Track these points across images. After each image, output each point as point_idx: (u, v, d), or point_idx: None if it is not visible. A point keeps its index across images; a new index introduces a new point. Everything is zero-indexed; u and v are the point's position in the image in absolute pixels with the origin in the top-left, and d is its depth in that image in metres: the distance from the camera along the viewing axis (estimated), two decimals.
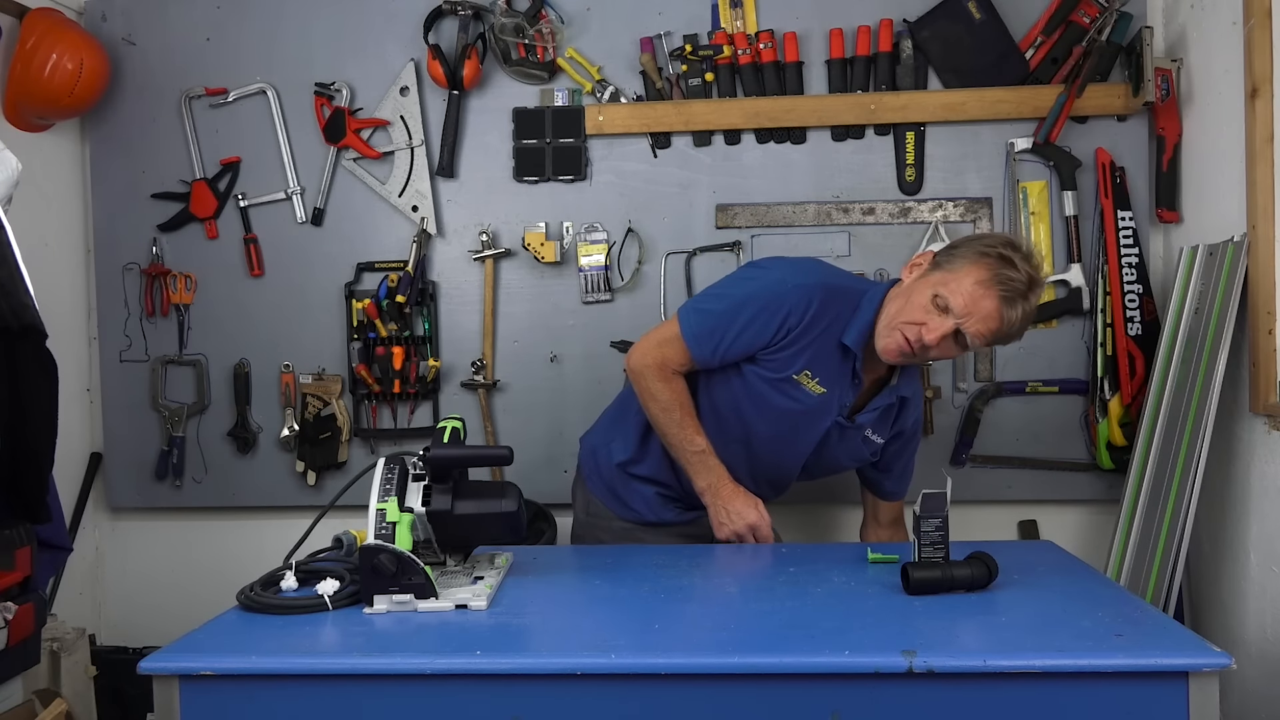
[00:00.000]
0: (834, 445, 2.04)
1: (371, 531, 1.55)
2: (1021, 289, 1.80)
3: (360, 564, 1.55)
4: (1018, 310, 1.81)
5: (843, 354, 1.96)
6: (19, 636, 1.79)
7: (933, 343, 1.84)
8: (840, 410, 1.99)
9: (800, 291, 1.94)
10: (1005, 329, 1.83)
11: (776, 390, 1.97)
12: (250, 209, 2.84)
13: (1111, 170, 2.65)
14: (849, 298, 1.97)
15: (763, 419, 2.00)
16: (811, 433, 2.01)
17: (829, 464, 2.10)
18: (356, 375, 2.79)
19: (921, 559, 1.62)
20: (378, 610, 1.53)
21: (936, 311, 1.84)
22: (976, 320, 1.81)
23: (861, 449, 2.07)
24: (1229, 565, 2.38)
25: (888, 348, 1.90)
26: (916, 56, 2.70)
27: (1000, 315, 1.81)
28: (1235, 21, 2.33)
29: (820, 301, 1.94)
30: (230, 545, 2.89)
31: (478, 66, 2.74)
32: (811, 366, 1.95)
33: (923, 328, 1.84)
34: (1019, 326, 1.84)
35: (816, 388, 1.96)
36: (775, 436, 2.02)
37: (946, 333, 1.83)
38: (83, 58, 2.64)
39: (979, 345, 1.87)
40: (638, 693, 1.34)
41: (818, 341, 1.95)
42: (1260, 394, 2.24)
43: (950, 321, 1.83)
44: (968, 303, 1.81)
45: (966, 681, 1.32)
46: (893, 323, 1.89)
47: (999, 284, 1.80)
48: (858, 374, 1.97)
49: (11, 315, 1.69)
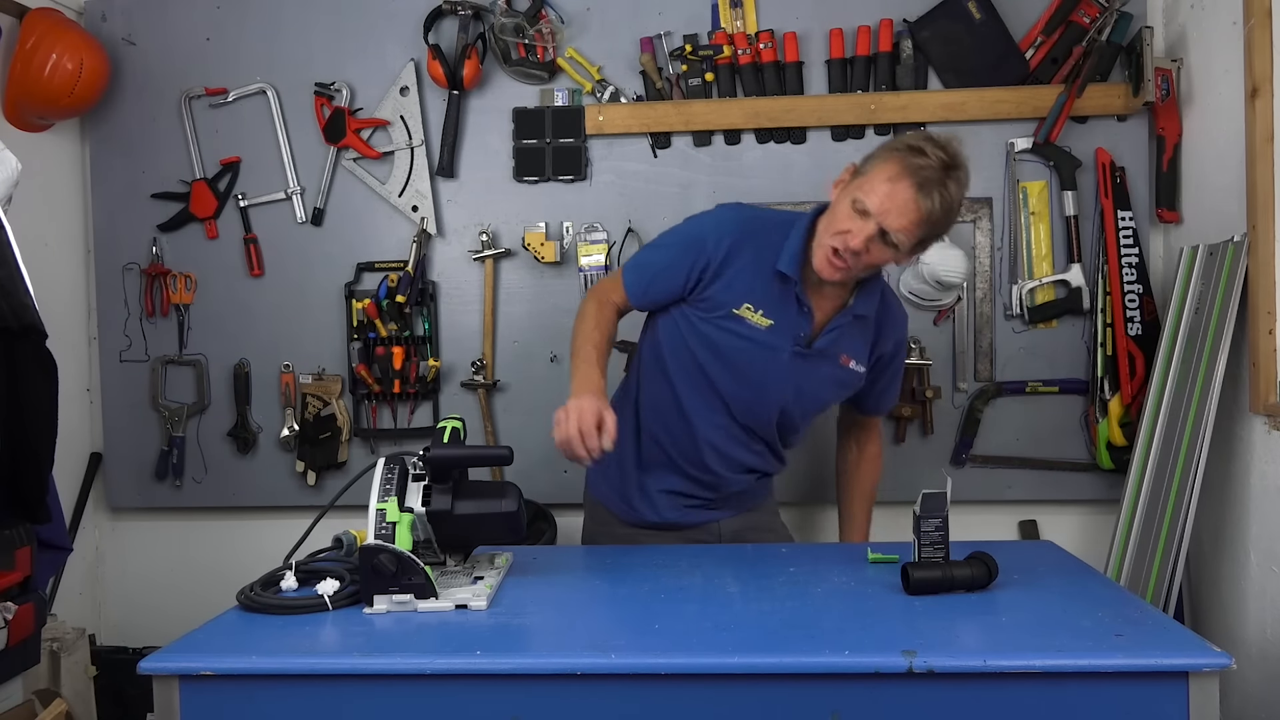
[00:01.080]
0: (806, 378, 2.01)
1: (371, 531, 1.55)
2: (934, 175, 1.78)
3: (360, 564, 1.55)
4: (934, 197, 1.78)
5: (782, 282, 1.95)
6: (19, 636, 1.79)
7: (859, 247, 1.83)
8: (796, 341, 1.97)
9: (716, 226, 1.99)
10: (927, 218, 1.80)
11: (721, 329, 1.97)
12: (250, 209, 2.84)
13: (1111, 170, 2.65)
14: (779, 228, 1.98)
15: (719, 362, 2.00)
16: (772, 367, 1.98)
17: (810, 400, 2.07)
18: (356, 375, 2.79)
19: (921, 559, 1.62)
20: (378, 610, 1.54)
21: (858, 216, 1.83)
22: (895, 215, 1.80)
23: (841, 376, 2.05)
24: (1229, 565, 2.38)
25: (819, 264, 1.90)
26: (916, 56, 2.70)
27: (917, 204, 1.78)
28: (1235, 21, 2.33)
29: (737, 234, 1.97)
30: (230, 545, 2.89)
31: (478, 66, 2.74)
32: (751, 300, 1.96)
33: (847, 235, 1.84)
34: (941, 214, 1.81)
35: (762, 320, 1.96)
36: (738, 378, 2.00)
37: (870, 235, 1.82)
38: (83, 58, 2.64)
39: (909, 241, 1.84)
40: (638, 693, 1.34)
41: (750, 273, 1.95)
42: (1260, 394, 2.24)
43: (871, 223, 1.81)
44: (883, 199, 1.80)
45: (966, 681, 1.32)
46: (820, 239, 1.90)
47: (910, 173, 1.78)
48: (803, 301, 1.96)
49: (11, 315, 1.69)
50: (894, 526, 2.45)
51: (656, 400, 2.09)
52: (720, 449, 2.07)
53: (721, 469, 2.09)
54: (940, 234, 1.89)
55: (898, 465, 2.75)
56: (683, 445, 2.08)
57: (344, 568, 1.64)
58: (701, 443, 2.06)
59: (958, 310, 2.73)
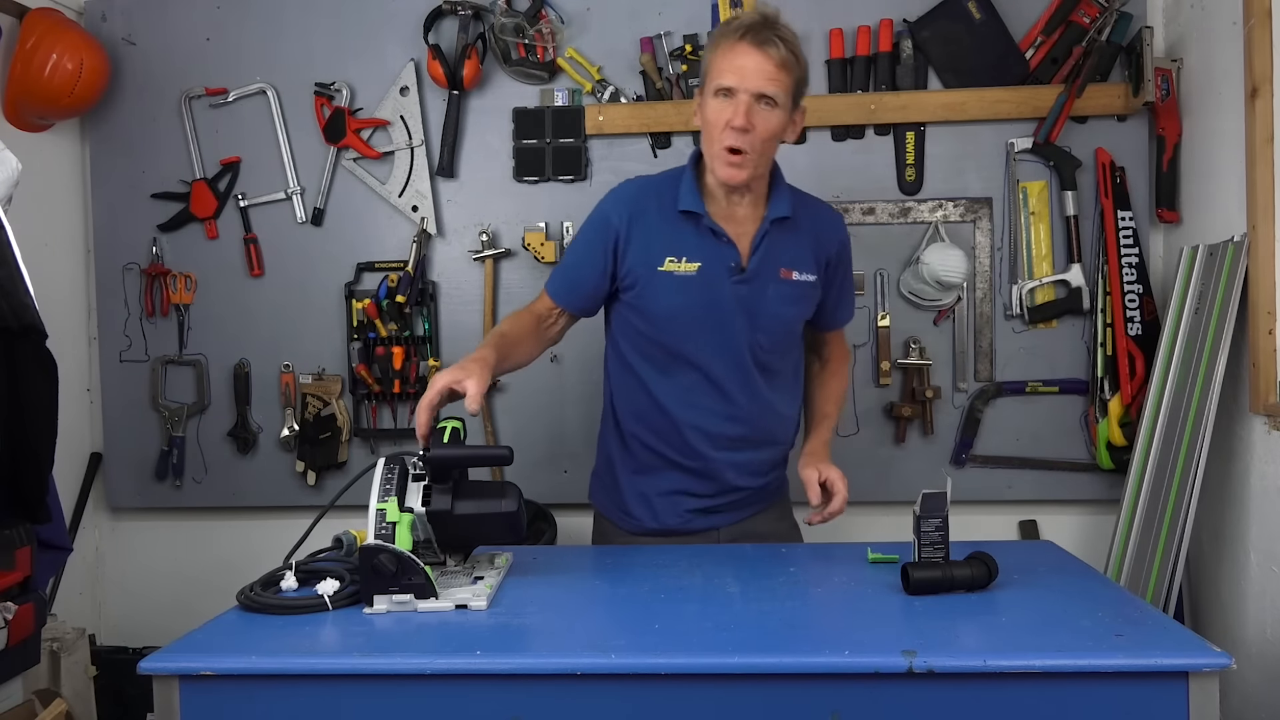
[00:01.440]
0: (755, 302, 1.98)
1: (371, 532, 1.55)
2: (762, 29, 1.84)
3: (360, 564, 1.55)
4: (776, 43, 1.83)
5: (692, 222, 1.95)
6: (19, 636, 1.79)
7: (744, 122, 1.84)
8: (729, 271, 1.96)
9: (614, 203, 2.01)
10: (782, 63, 1.84)
11: (657, 295, 1.96)
12: (250, 209, 2.84)
13: (1111, 170, 2.65)
14: (670, 180, 2.00)
15: (671, 326, 1.98)
16: (717, 305, 1.96)
17: (771, 324, 2.01)
18: (356, 375, 2.79)
19: (921, 559, 1.62)
20: (378, 610, 1.53)
21: (726, 101, 1.86)
22: (754, 75, 1.83)
23: (789, 291, 2.01)
24: (1229, 565, 2.39)
25: (722, 172, 1.90)
26: (916, 56, 2.70)
27: (766, 55, 1.83)
28: (1235, 21, 2.33)
29: (634, 200, 1.99)
30: (230, 545, 2.89)
31: (478, 66, 2.74)
32: (670, 251, 1.95)
33: (729, 122, 1.85)
34: (791, 54, 1.85)
35: (688, 266, 1.95)
36: (693, 334, 1.98)
37: (747, 105, 1.84)
38: (83, 58, 2.64)
39: (783, 92, 1.86)
40: (638, 693, 1.34)
41: (658, 228, 1.96)
42: (1260, 394, 2.24)
43: (741, 95, 1.84)
44: (737, 70, 1.84)
45: (966, 681, 1.32)
46: (710, 152, 1.92)
47: (743, 37, 1.84)
48: (718, 232, 1.95)
49: (11, 315, 1.69)
50: (894, 526, 2.45)
51: (630, 398, 2.06)
52: (702, 427, 2.02)
53: (709, 449, 2.02)
54: (803, 76, 1.91)
55: (898, 465, 2.76)
56: (665, 435, 2.03)
57: (344, 568, 1.64)
58: (682, 425, 2.01)
59: (958, 310, 2.73)
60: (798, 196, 2.03)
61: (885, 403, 2.75)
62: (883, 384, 2.74)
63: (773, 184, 2.00)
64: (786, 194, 2.01)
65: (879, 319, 2.74)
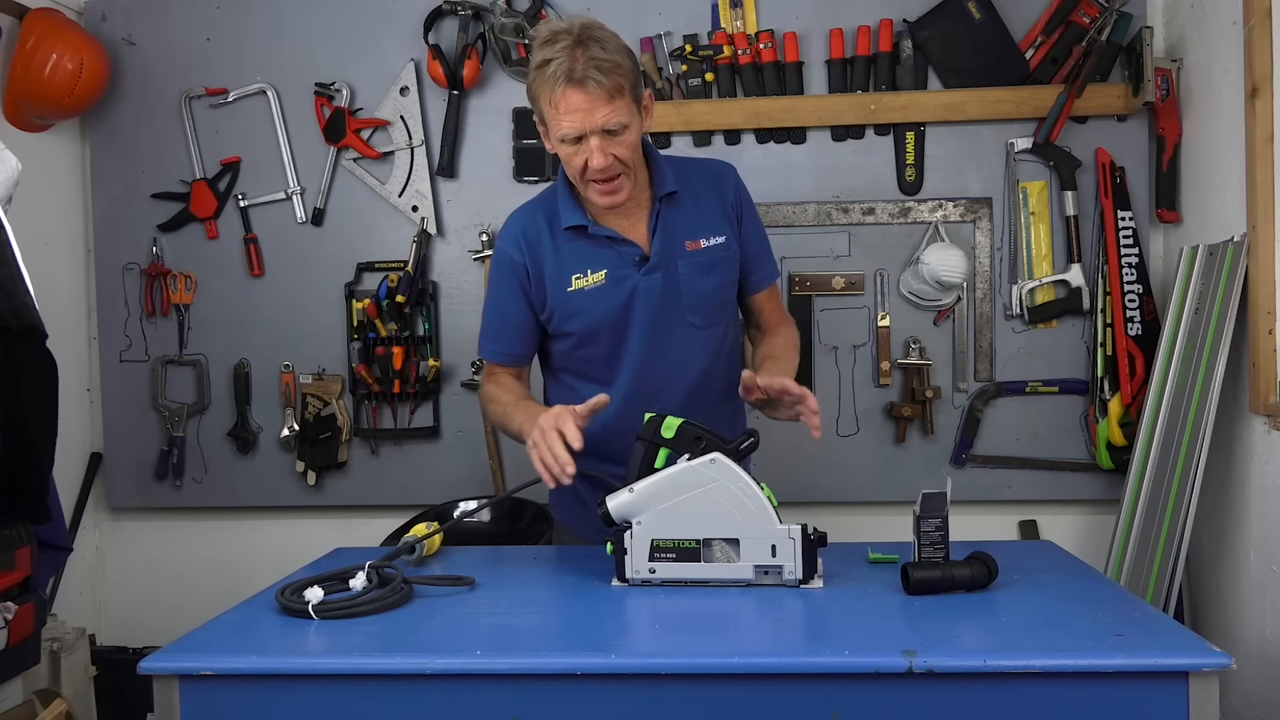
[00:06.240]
0: (670, 286, 1.92)
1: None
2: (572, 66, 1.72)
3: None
4: (595, 76, 1.72)
5: (584, 234, 1.91)
6: (19, 636, 1.79)
7: (604, 162, 1.78)
8: (636, 266, 1.90)
9: (507, 239, 1.94)
10: (611, 90, 1.74)
11: (575, 314, 1.91)
12: (250, 209, 2.84)
13: (1111, 170, 2.65)
14: (547, 200, 1.96)
15: (601, 340, 1.93)
16: (637, 303, 1.91)
17: (696, 300, 1.94)
18: (356, 375, 2.79)
19: (921, 559, 1.62)
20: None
21: (577, 148, 1.79)
22: (590, 117, 1.75)
23: (701, 260, 1.94)
24: (1229, 565, 2.39)
25: (598, 199, 1.85)
26: (916, 56, 2.70)
27: (591, 95, 1.73)
28: (1235, 21, 2.33)
29: (524, 230, 1.93)
30: (230, 545, 2.89)
31: (478, 66, 2.74)
32: (574, 269, 1.91)
33: (588, 165, 1.79)
34: (614, 65, 1.74)
35: (595, 278, 1.90)
36: (627, 338, 1.92)
37: (598, 146, 1.77)
38: (83, 58, 2.64)
39: (622, 116, 1.77)
40: (638, 693, 1.34)
41: (555, 250, 1.91)
42: (1260, 394, 2.24)
43: (590, 140, 1.77)
44: (569, 118, 1.75)
45: (966, 681, 1.32)
46: (580, 186, 1.86)
47: (562, 82, 1.73)
48: (612, 235, 1.91)
49: (11, 315, 1.69)
50: (894, 526, 2.45)
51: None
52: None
53: None
54: (633, 71, 1.80)
55: (898, 465, 2.75)
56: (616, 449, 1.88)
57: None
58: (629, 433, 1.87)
59: (958, 310, 2.73)
60: (678, 165, 1.97)
61: (885, 403, 2.75)
62: (883, 384, 2.74)
63: (650, 164, 1.94)
64: (666, 169, 1.95)
65: (879, 319, 2.74)
